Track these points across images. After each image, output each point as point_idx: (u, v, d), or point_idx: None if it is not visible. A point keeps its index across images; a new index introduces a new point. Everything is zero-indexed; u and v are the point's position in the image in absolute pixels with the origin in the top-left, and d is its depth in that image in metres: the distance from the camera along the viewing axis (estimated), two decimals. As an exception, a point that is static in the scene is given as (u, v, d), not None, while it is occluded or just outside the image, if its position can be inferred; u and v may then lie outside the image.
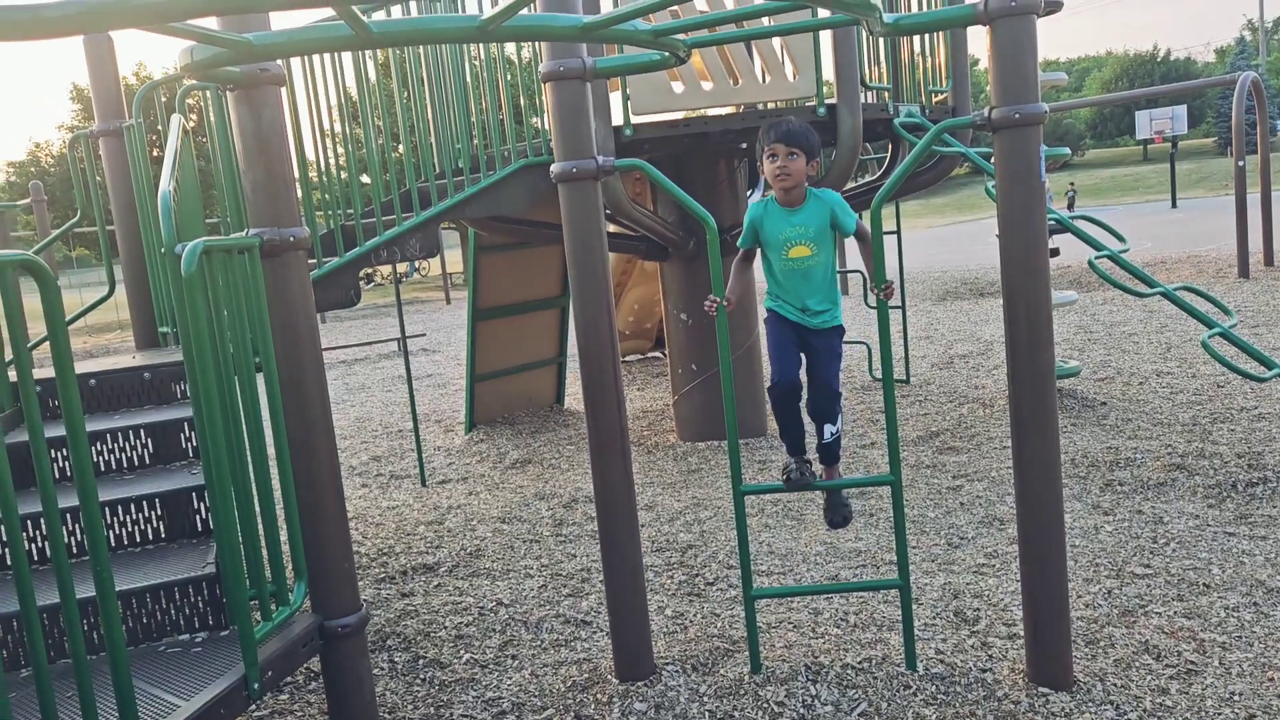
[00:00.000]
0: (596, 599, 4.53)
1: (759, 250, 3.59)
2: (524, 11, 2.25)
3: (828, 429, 3.59)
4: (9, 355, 4.05)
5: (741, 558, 3.62)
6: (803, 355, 3.57)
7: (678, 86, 6.19)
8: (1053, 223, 6.00)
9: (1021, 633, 3.60)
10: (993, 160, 5.44)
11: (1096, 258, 6.34)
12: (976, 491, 5.64)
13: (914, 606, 3.70)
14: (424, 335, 16.81)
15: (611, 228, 6.92)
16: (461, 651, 4.11)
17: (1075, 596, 4.03)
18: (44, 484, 2.11)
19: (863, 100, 6.16)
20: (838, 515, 3.83)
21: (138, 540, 3.51)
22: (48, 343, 2.13)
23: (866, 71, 6.45)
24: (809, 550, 4.92)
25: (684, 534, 5.37)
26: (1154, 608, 3.92)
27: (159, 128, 5.05)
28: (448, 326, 18.51)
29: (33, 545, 3.38)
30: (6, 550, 3.35)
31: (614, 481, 3.64)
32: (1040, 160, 2.99)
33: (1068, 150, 6.65)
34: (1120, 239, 6.82)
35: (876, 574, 4.58)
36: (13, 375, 3.97)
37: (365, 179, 5.38)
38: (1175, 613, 3.85)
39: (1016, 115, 2.94)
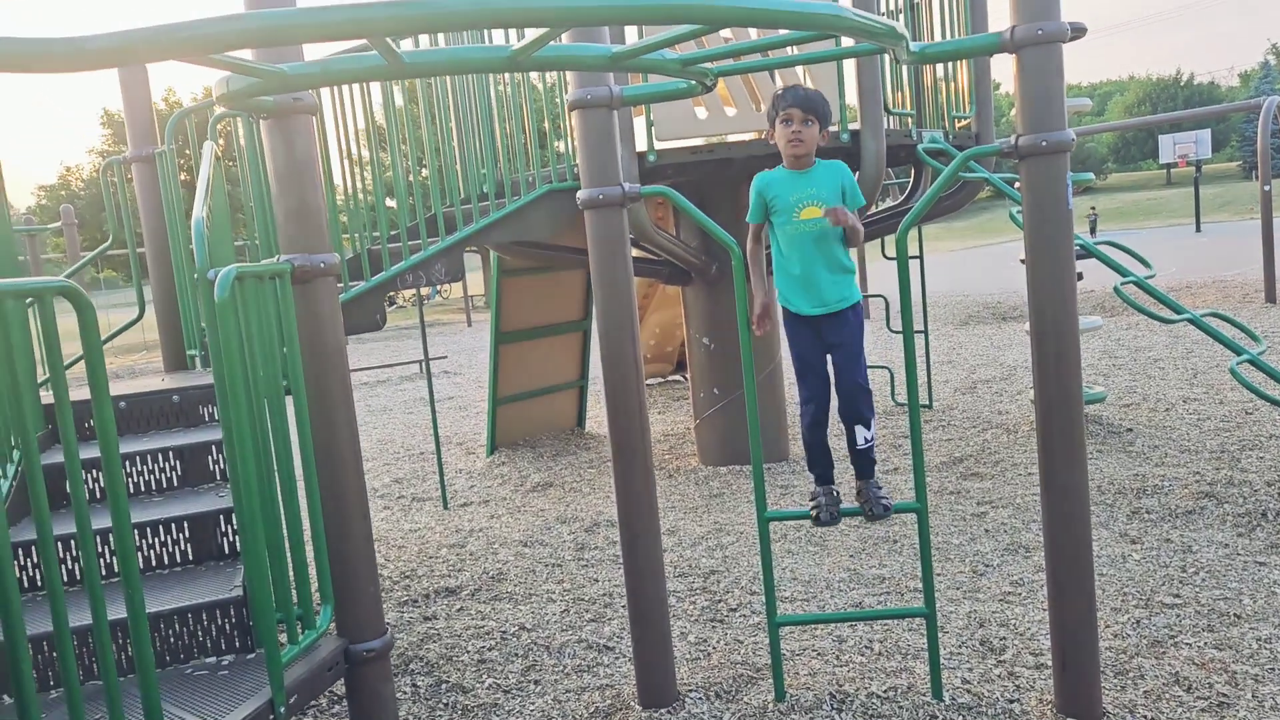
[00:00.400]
0: (619, 624, 4.52)
1: (767, 226, 3.51)
2: (553, 41, 2.28)
3: (860, 433, 3.48)
4: (40, 376, 4.11)
5: (766, 584, 3.60)
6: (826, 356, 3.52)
7: (701, 112, 6.23)
8: (1077, 248, 5.98)
9: (1049, 663, 3.56)
10: (1018, 187, 5.43)
11: (1122, 284, 6.30)
12: (1001, 518, 5.59)
13: (939, 635, 3.68)
14: (445, 357, 16.88)
15: (634, 252, 6.95)
16: (484, 676, 4.11)
17: (1103, 626, 3.99)
18: (79, 507, 2.13)
19: (886, 126, 6.18)
20: (876, 508, 3.61)
21: (165, 562, 3.54)
22: (77, 364, 2.16)
23: (889, 97, 6.47)
24: (832, 576, 4.90)
25: (706, 559, 5.35)
26: (1184, 638, 3.87)
27: (186, 151, 5.14)
28: (469, 349, 18.58)
29: (60, 567, 3.41)
30: (37, 572, 3.38)
31: (637, 506, 3.64)
32: (1068, 188, 2.99)
33: (1092, 175, 6.64)
34: (1146, 264, 6.79)
35: (900, 601, 4.55)
36: (47, 397, 4.02)
37: (391, 202, 5.43)
38: (1206, 644, 3.81)
39: (1044, 143, 2.95)
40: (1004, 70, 3.17)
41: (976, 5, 6.87)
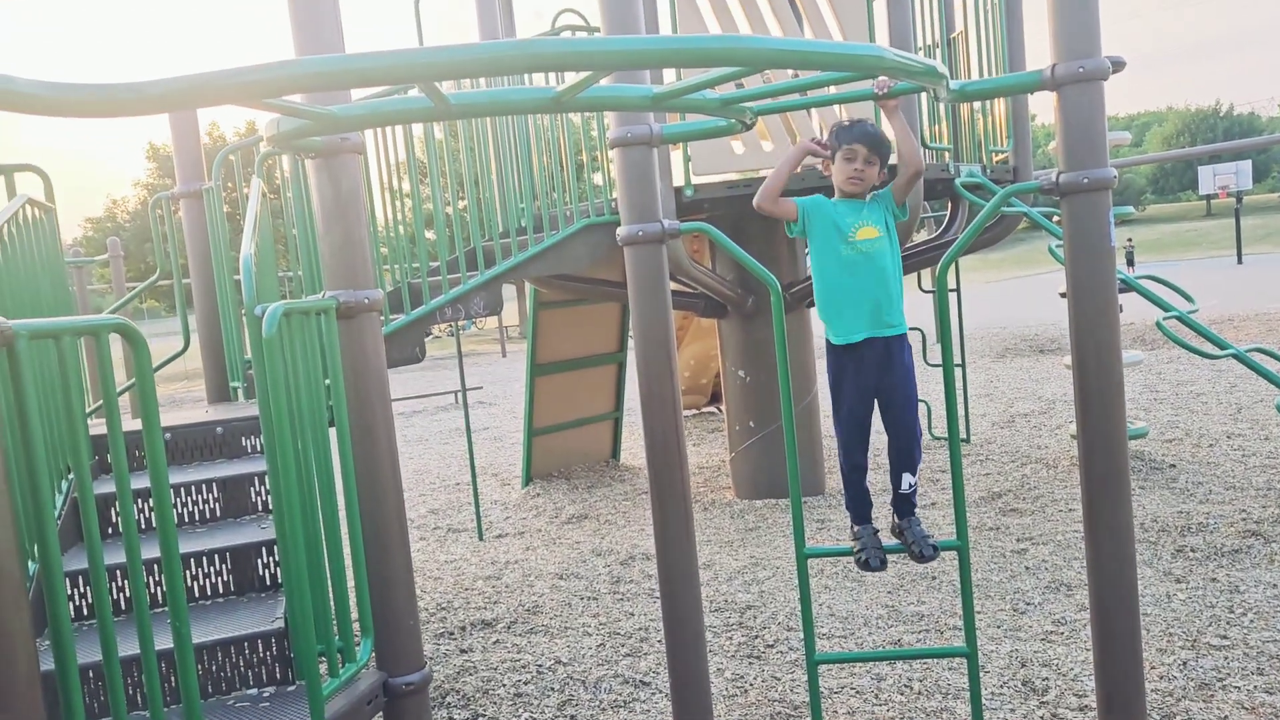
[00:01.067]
0: (655, 659, 4.50)
1: (809, 255, 3.34)
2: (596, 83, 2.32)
3: (906, 479, 3.36)
4: (88, 406, 4.18)
5: (804, 621, 3.57)
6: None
7: (738, 147, 6.27)
8: (1118, 283, 5.92)
9: (1093, 704, 3.50)
10: (1057, 220, 5.39)
11: (1165, 319, 6.23)
12: (1042, 555, 5.52)
13: (980, 674, 3.62)
14: (481, 388, 16.97)
15: (671, 285, 6.97)
16: (520, 710, 4.10)
17: (1149, 668, 3.92)
18: (130, 539, 2.17)
19: (923, 160, 6.18)
20: (925, 549, 3.42)
21: (208, 593, 3.58)
22: (121, 394, 2.21)
23: (927, 131, 6.48)
24: (870, 613, 4.85)
25: (742, 594, 5.32)
26: (1233, 681, 3.79)
27: (227, 185, 5.25)
28: (504, 379, 18.67)
29: (84, 601, 3.45)
30: (84, 601, 3.43)
31: (675, 540, 3.62)
32: (1110, 224, 2.98)
33: (1132, 209, 6.59)
34: (1188, 298, 6.71)
35: (940, 639, 4.50)
36: (95, 428, 4.09)
37: (430, 236, 5.51)
38: (1255, 687, 3.73)
39: (1085, 180, 2.93)
40: (1041, 102, 3.14)
41: (1014, 41, 6.89)
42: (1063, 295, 4.11)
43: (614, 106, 2.97)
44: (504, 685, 4.37)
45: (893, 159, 3.27)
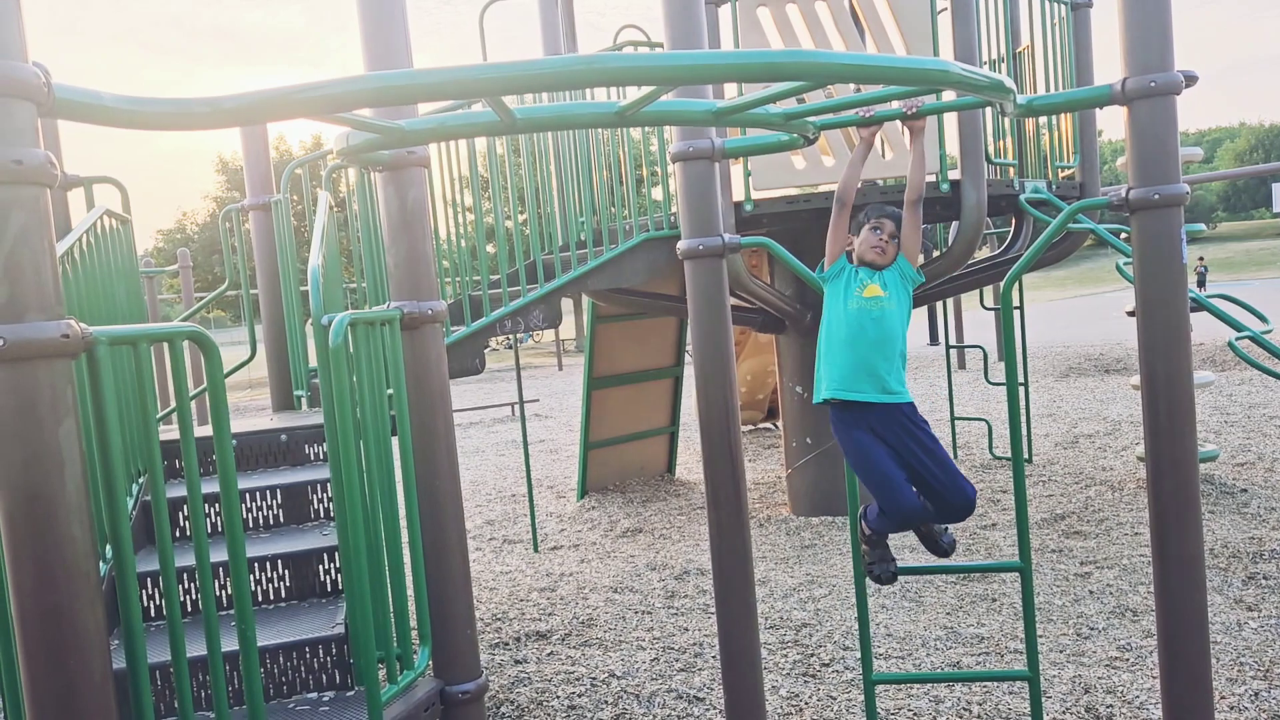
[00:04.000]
0: (709, 674, 4.48)
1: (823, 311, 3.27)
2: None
3: (950, 529, 3.32)
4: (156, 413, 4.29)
5: (862, 640, 3.53)
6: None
7: (799, 162, 6.25)
8: (1189, 302, 5.79)
9: (1161, 734, 3.40)
10: (1124, 238, 5.28)
11: (1237, 339, 6.07)
12: (1106, 580, 5.39)
13: (1043, 700, 3.55)
14: (537, 400, 17.08)
15: (729, 300, 6.97)
16: (574, 722, 4.10)
17: (1218, 698, 3.80)
18: (200, 543, 2.22)
19: (987, 175, 6.10)
20: (946, 540, 3.36)
21: (270, 598, 3.65)
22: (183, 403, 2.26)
23: (991, 146, 6.40)
24: (928, 634, 4.78)
25: (798, 611, 5.28)
26: (1308, 714, 3.67)
27: (292, 197, 5.37)
28: (560, 392, 18.78)
29: (150, 602, 3.53)
30: (150, 603, 3.51)
31: (732, 556, 3.61)
32: (1182, 242, 2.92)
33: (1203, 226, 6.44)
34: (1262, 319, 6.52)
35: (1000, 662, 4.41)
36: (165, 434, 4.19)
37: (491, 248, 5.57)
38: (1332, 721, 3.60)
39: (1156, 196, 2.88)
40: (1107, 116, 3.08)
41: (1081, 54, 6.78)
42: (1130, 314, 4.02)
43: (677, 121, 2.99)
44: (558, 697, 4.38)
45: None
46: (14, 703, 2.43)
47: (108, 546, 3.04)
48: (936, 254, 8.99)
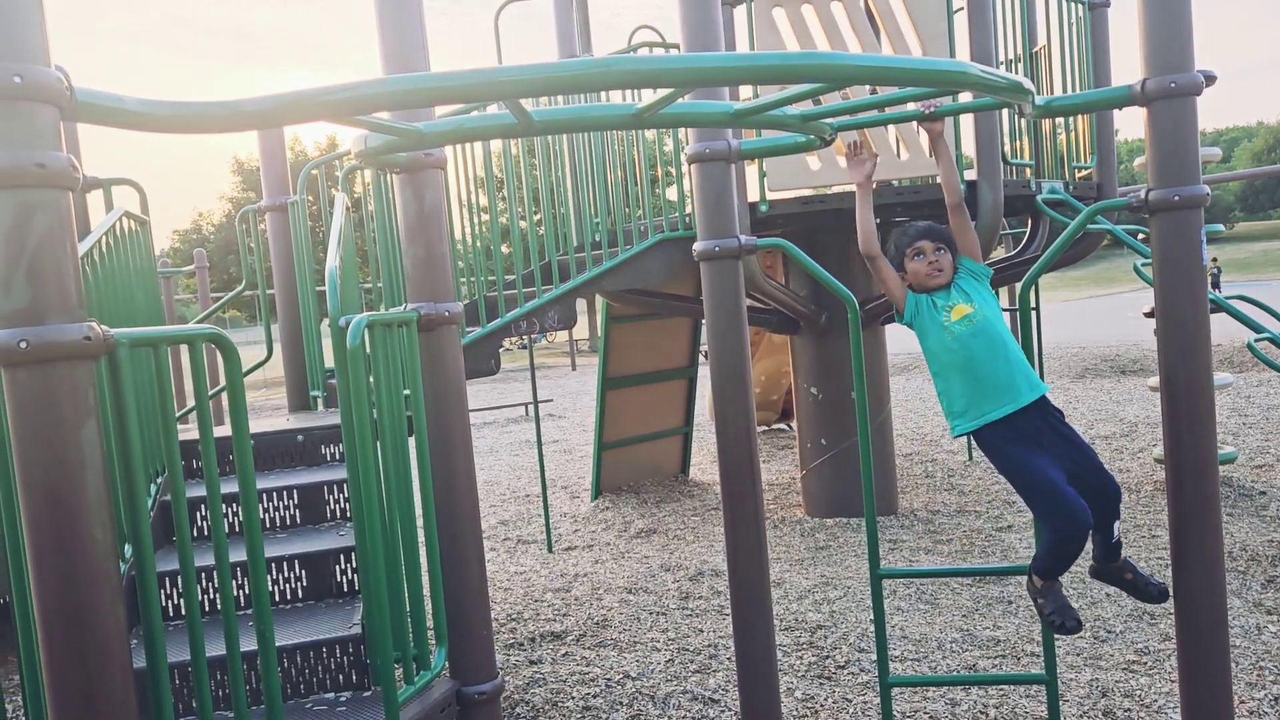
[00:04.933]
0: (724, 676, 4.48)
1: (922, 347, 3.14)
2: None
3: (1116, 526, 3.05)
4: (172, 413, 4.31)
5: (878, 643, 3.53)
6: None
7: (814, 163, 6.24)
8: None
9: (1180, 739, 3.38)
10: (1141, 239, 5.25)
11: (1256, 340, 6.03)
12: (1124, 582, 5.36)
13: (1060, 704, 3.53)
14: (551, 400, 17.09)
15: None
16: (589, 723, 4.11)
17: (1238, 702, 3.78)
18: (219, 542, 2.23)
19: (1003, 176, 6.07)
20: (1154, 585, 3.12)
21: (287, 598, 3.66)
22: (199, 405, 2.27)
23: (1007, 147, 6.37)
24: (944, 636, 4.76)
25: (813, 613, 5.27)
26: (1328, 719, 3.64)
27: (308, 198, 5.39)
28: (573, 393, 18.78)
29: (169, 602, 3.55)
30: (169, 603, 3.53)
31: (748, 557, 3.60)
32: (1202, 243, 2.90)
33: (1221, 226, 6.39)
34: (1280, 319, 6.48)
35: (1016, 665, 4.39)
36: (186, 434, 4.22)
37: (505, 248, 5.58)
38: (1353, 726, 3.57)
39: (1176, 198, 2.86)
40: (1124, 116, 3.04)
41: (1099, 55, 6.74)
42: (1147, 315, 3.98)
43: (695, 123, 2.98)
44: (573, 698, 4.38)
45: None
46: (36, 701, 2.45)
47: (126, 546, 3.06)
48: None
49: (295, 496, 4.05)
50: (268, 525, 4.01)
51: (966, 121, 6.03)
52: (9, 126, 1.67)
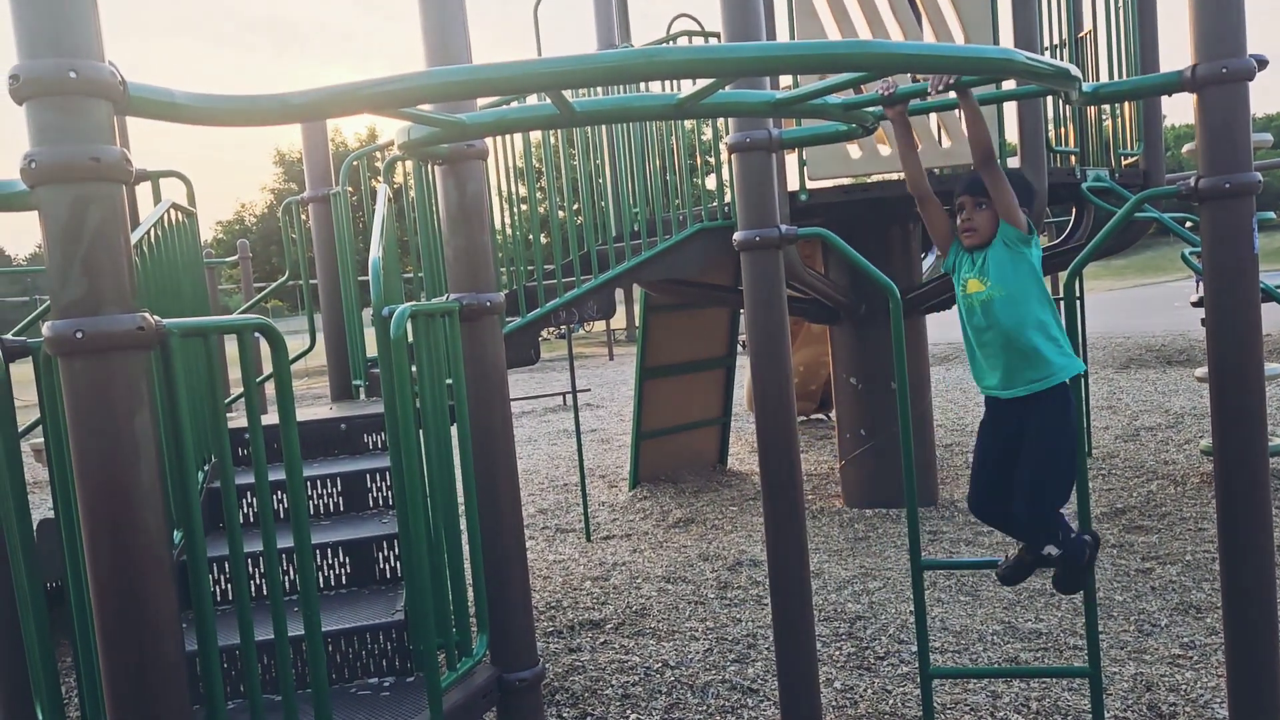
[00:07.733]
0: (763, 665, 4.48)
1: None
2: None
3: (1048, 547, 3.18)
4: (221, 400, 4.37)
5: (919, 634, 3.51)
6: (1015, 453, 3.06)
7: (854, 151, 6.19)
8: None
9: (1227, 734, 3.34)
10: (1189, 227, 5.15)
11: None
12: (1169, 575, 5.29)
13: (1104, 697, 3.50)
14: (589, 390, 17.14)
15: (782, 290, 6.94)
16: (628, 712, 4.13)
17: (1287, 698, 3.72)
18: (267, 529, 2.27)
19: (1048, 164, 5.99)
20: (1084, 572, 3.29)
21: (331, 584, 3.71)
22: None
23: (1052, 134, 6.28)
24: (985, 628, 4.73)
25: (852, 604, 5.25)
26: (1381, 717, 3.57)
27: (349, 189, 5.45)
28: (611, 382, 18.82)
29: (216, 586, 3.61)
30: (216, 588, 3.60)
31: (787, 547, 3.60)
32: (1254, 231, 2.84)
33: (1273, 214, 6.26)
34: (1333, 309, 6.33)
35: (1059, 658, 4.35)
36: (233, 422, 4.28)
37: (545, 239, 5.61)
38: (1407, 724, 3.50)
39: (1227, 185, 2.81)
40: (1171, 102, 2.97)
41: (1147, 39, 6.62)
42: (1195, 304, 3.91)
43: (736, 112, 2.97)
44: (611, 686, 4.41)
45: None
46: (91, 682, 2.51)
47: (176, 532, 3.12)
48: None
49: (339, 484, 4.09)
50: (312, 513, 4.06)
51: (1010, 108, 5.95)
52: (64, 121, 1.70)
